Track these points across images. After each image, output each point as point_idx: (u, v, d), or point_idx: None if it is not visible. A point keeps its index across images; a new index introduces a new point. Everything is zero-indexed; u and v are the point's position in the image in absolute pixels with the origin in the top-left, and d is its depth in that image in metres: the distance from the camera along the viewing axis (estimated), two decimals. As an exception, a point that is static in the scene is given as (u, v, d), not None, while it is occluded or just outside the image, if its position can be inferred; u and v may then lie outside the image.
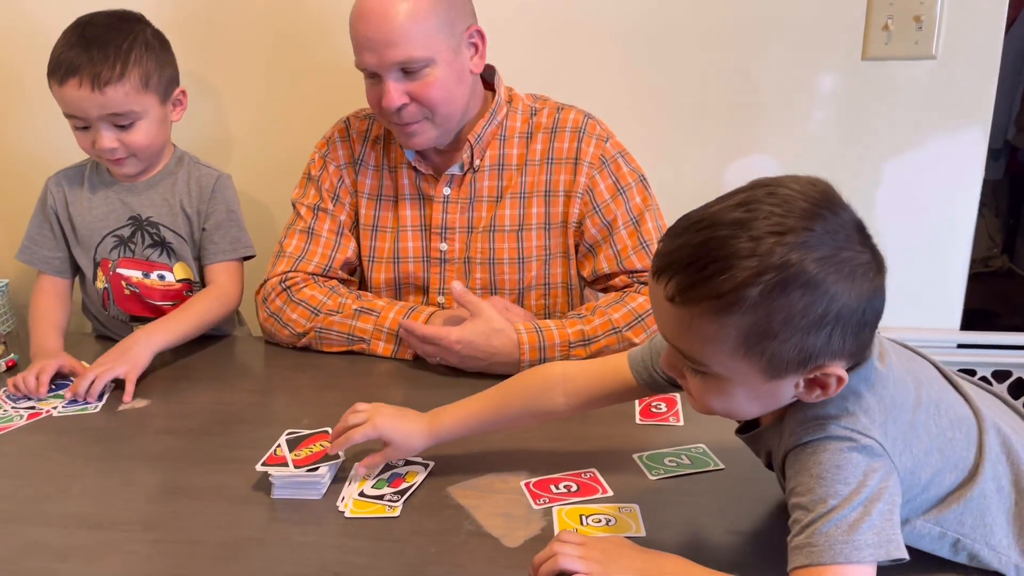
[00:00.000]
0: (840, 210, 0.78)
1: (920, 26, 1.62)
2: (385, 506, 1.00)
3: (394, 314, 1.43)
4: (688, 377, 0.85)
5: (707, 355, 0.80)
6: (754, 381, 0.80)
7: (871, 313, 0.78)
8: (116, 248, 1.56)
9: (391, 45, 1.33)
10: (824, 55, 1.67)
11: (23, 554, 0.95)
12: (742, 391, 0.82)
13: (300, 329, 1.46)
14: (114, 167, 1.53)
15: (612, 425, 1.17)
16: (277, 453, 1.07)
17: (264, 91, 1.85)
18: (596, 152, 1.46)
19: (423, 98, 1.37)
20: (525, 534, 0.95)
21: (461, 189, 1.50)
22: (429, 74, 1.36)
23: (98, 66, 1.41)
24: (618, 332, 1.36)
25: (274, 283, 1.50)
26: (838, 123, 1.71)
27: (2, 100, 1.91)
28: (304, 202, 1.55)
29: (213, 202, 1.57)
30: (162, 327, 1.46)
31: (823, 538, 0.77)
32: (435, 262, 1.52)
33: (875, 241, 0.79)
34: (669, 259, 0.79)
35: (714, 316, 0.77)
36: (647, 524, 0.95)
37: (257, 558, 0.93)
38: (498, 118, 1.48)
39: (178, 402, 1.32)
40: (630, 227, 1.45)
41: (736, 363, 0.79)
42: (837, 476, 0.79)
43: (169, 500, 1.05)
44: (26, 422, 1.27)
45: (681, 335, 0.81)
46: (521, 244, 1.49)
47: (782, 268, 0.74)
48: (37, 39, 1.55)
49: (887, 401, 0.82)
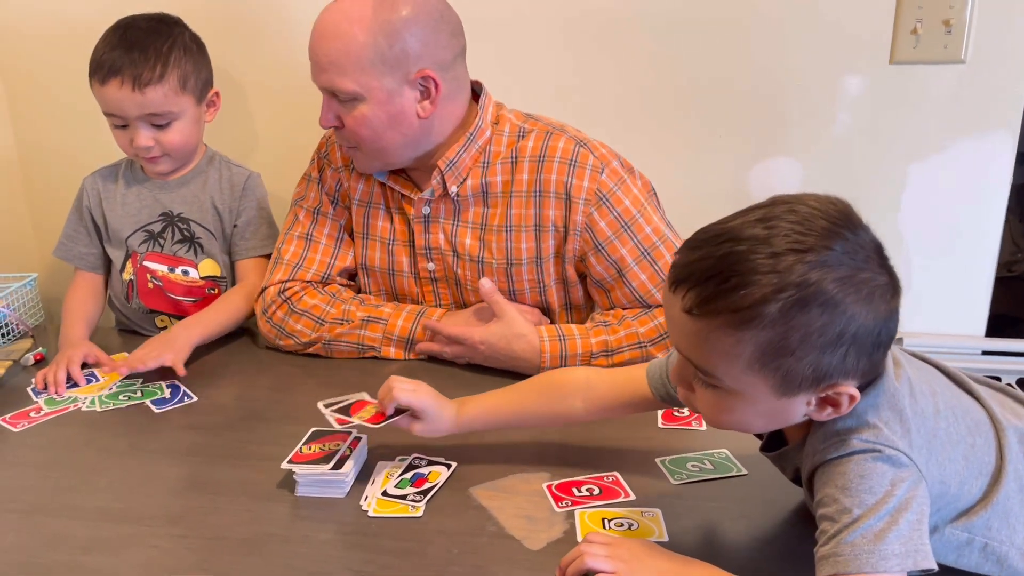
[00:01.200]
0: (859, 230, 0.78)
1: (949, 30, 1.60)
2: (408, 506, 1.01)
3: (402, 321, 1.42)
4: (698, 390, 0.85)
5: (721, 369, 0.80)
6: (766, 397, 0.80)
7: (886, 335, 0.79)
8: (146, 242, 1.60)
9: (321, 69, 1.31)
10: (851, 59, 1.66)
11: (48, 546, 0.96)
12: (752, 406, 0.82)
13: (305, 339, 1.44)
14: (149, 165, 1.57)
15: (635, 429, 1.16)
16: (303, 451, 1.08)
17: (289, 91, 1.86)
18: (591, 187, 1.35)
19: (349, 129, 1.34)
20: (547, 537, 0.95)
21: (444, 212, 1.43)
22: (357, 108, 1.32)
23: (139, 68, 1.45)
24: (642, 347, 1.33)
25: (272, 294, 1.47)
26: (864, 127, 1.70)
27: (39, 101, 1.93)
28: (304, 205, 1.52)
29: (244, 200, 1.60)
30: (198, 321, 1.50)
31: (848, 547, 0.76)
32: (426, 280, 1.49)
33: (892, 263, 0.79)
34: (688, 271, 0.79)
35: (731, 330, 0.77)
36: (669, 529, 0.95)
37: (279, 555, 0.94)
38: (479, 143, 1.39)
39: (202, 398, 1.33)
40: (643, 262, 1.36)
41: (750, 378, 0.79)
42: (862, 486, 0.78)
43: (193, 495, 1.06)
44: (55, 414, 1.29)
45: (696, 347, 0.81)
46: (511, 279, 1.42)
47: (802, 286, 0.74)
48: (77, 40, 1.58)
49: (907, 412, 0.82)
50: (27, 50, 1.89)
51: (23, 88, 1.93)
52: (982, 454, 0.85)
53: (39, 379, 1.38)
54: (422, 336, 1.41)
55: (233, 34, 1.80)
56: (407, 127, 1.34)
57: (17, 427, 1.25)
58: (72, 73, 1.82)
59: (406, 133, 1.35)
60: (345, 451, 1.07)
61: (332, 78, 1.30)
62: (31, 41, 1.88)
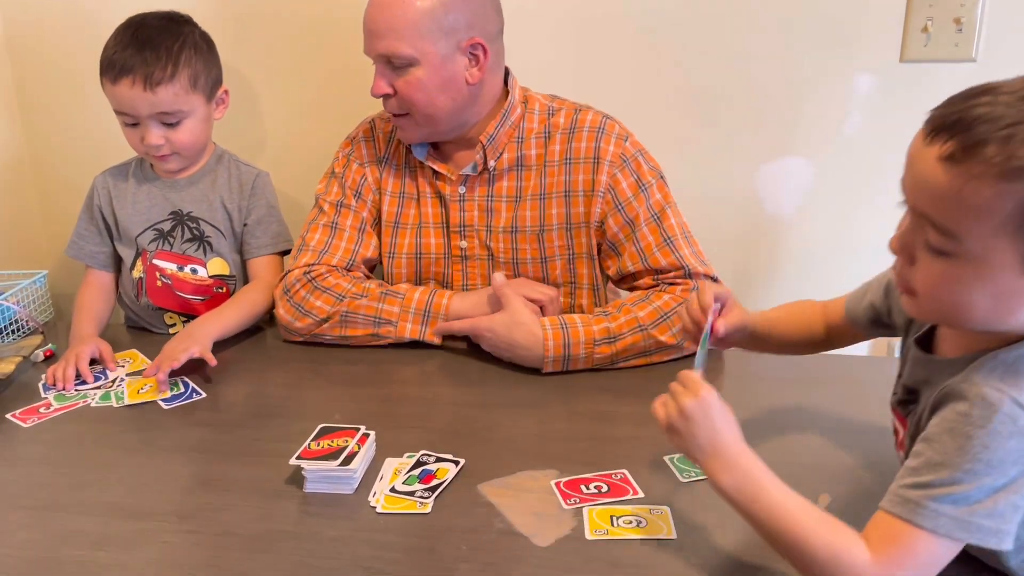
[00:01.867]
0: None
1: (960, 28, 1.59)
2: (416, 502, 1.01)
3: (419, 295, 1.46)
4: (923, 261, 0.77)
5: (967, 226, 0.72)
6: (1008, 271, 0.73)
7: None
8: (155, 240, 1.60)
9: (379, 36, 1.37)
10: (861, 56, 1.66)
11: (61, 542, 0.97)
12: (986, 282, 0.74)
13: (323, 315, 1.46)
14: (159, 163, 1.58)
15: (643, 426, 1.16)
16: (311, 447, 1.08)
17: (298, 89, 1.87)
18: (616, 151, 1.46)
19: (402, 94, 1.40)
20: (555, 534, 0.95)
21: (479, 189, 1.50)
22: (411, 73, 1.38)
23: (150, 67, 1.46)
24: (644, 329, 1.36)
25: (297, 274, 1.49)
26: (874, 125, 1.69)
27: (50, 100, 1.95)
28: (327, 198, 1.55)
29: (254, 199, 1.61)
30: (215, 317, 1.51)
31: (934, 506, 0.74)
32: (456, 259, 1.53)
33: None
34: (954, 118, 0.73)
35: (995, 180, 0.70)
36: (678, 526, 0.95)
37: (289, 551, 0.94)
38: (512, 119, 1.48)
39: (212, 395, 1.34)
40: (652, 223, 1.44)
41: (997, 242, 0.72)
42: (982, 455, 0.73)
43: (203, 492, 1.07)
44: (65, 410, 1.29)
45: (944, 202, 0.73)
46: (543, 245, 1.50)
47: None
48: (88, 39, 1.58)
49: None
50: (39, 49, 1.90)
51: (34, 87, 1.94)
52: None
53: (49, 375, 1.38)
54: (439, 309, 1.45)
55: (242, 31, 1.81)
56: (457, 92, 1.41)
57: (27, 423, 1.26)
58: (83, 72, 1.83)
59: (455, 98, 1.41)
60: (353, 447, 1.07)
61: (390, 43, 1.36)
62: (43, 40, 1.89)
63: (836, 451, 1.11)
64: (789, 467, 1.05)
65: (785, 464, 1.05)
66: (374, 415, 1.23)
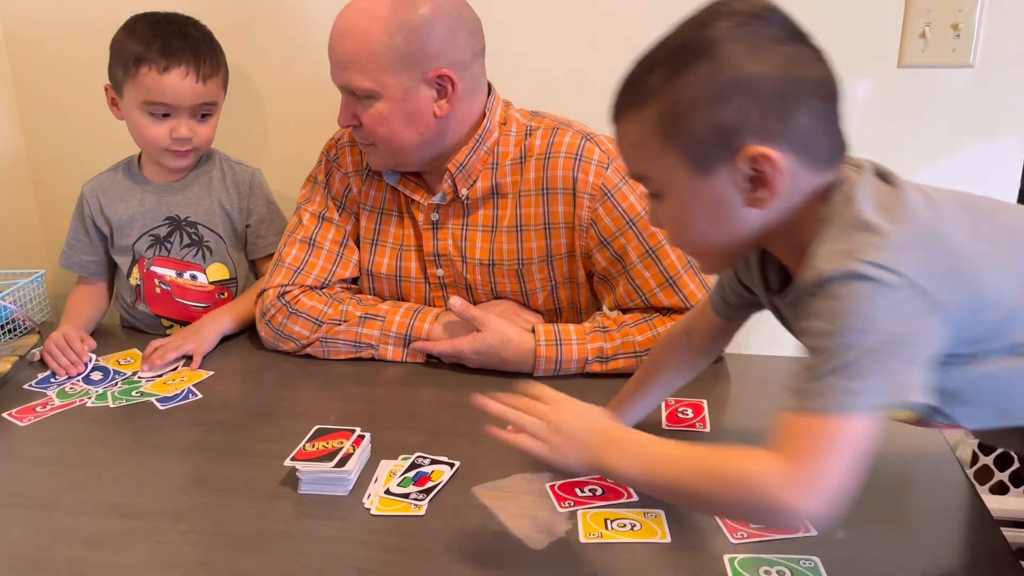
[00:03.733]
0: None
1: (958, 34, 1.60)
2: (411, 504, 1.01)
3: (400, 317, 1.42)
4: (658, 214, 0.86)
5: (642, 163, 0.83)
6: (689, 181, 0.80)
7: (792, 85, 0.77)
8: (152, 247, 1.59)
9: (340, 67, 1.32)
10: (859, 61, 1.66)
11: (54, 540, 0.97)
12: (686, 201, 0.81)
13: (303, 340, 1.44)
14: (176, 160, 1.56)
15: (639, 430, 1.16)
16: (306, 448, 1.08)
17: (299, 91, 1.86)
18: (596, 181, 1.35)
19: (366, 126, 1.35)
20: (550, 537, 0.95)
21: (452, 219, 1.44)
22: (374, 106, 1.32)
23: (201, 59, 1.49)
24: (637, 355, 1.33)
25: (271, 297, 1.45)
26: (872, 131, 1.69)
27: (49, 102, 1.95)
28: (309, 208, 1.51)
29: (253, 199, 1.62)
30: (227, 313, 1.54)
31: (819, 385, 0.72)
32: (435, 286, 1.49)
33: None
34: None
35: (633, 117, 0.81)
36: (672, 530, 0.95)
37: (283, 551, 0.94)
38: (487, 144, 1.39)
39: (207, 395, 1.34)
40: (647, 260, 1.36)
41: (666, 161, 0.80)
42: (852, 322, 0.72)
43: (197, 491, 1.07)
44: (61, 409, 1.29)
45: (627, 155, 0.85)
46: (523, 279, 1.44)
47: (676, 50, 0.79)
48: (86, 42, 1.58)
49: (919, 228, 0.76)
50: (38, 48, 1.90)
51: (33, 89, 1.94)
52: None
53: (53, 366, 1.42)
54: (419, 333, 1.41)
55: (242, 33, 1.81)
56: (423, 126, 1.34)
57: (23, 422, 1.26)
58: (81, 74, 1.83)
59: (422, 132, 1.35)
60: (348, 449, 1.07)
61: (350, 76, 1.31)
62: (42, 39, 1.89)
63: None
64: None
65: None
66: (369, 416, 1.23)
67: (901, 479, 1.04)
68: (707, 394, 1.25)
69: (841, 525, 0.93)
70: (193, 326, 1.50)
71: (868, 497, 0.94)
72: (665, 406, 1.23)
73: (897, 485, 1.03)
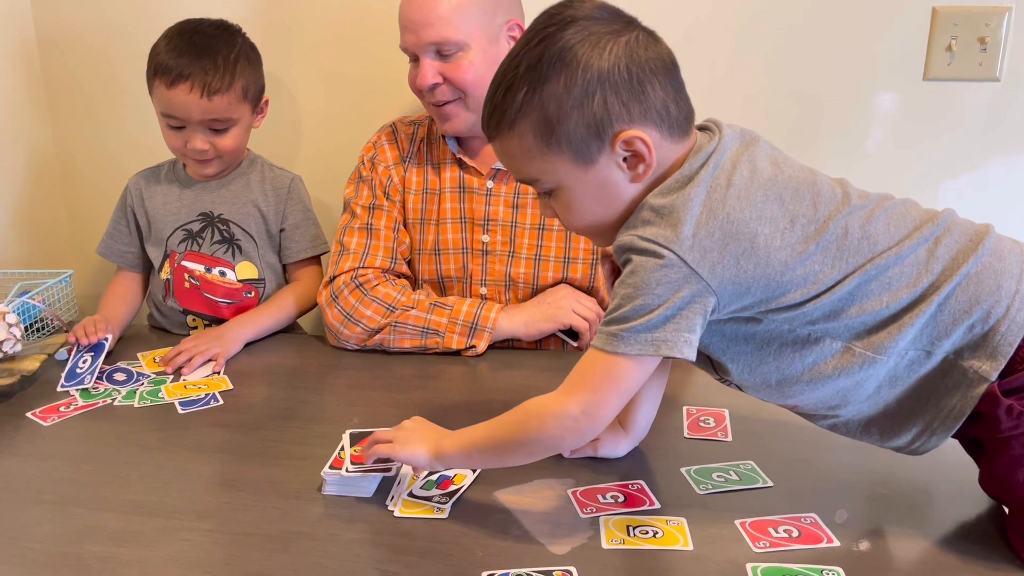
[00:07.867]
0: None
1: (985, 47, 1.59)
2: (433, 507, 1.02)
3: (467, 307, 1.48)
4: (547, 204, 0.96)
5: (530, 170, 0.92)
6: (575, 173, 0.90)
7: (638, 70, 0.87)
8: (184, 242, 1.62)
9: (428, 26, 1.41)
10: (885, 74, 1.66)
11: (83, 537, 0.98)
12: (577, 192, 0.91)
13: (374, 325, 1.48)
14: (199, 167, 1.60)
15: (660, 438, 1.17)
16: (341, 456, 1.09)
17: (331, 93, 1.88)
18: None
19: (455, 79, 1.44)
20: (571, 542, 0.95)
21: (508, 184, 1.53)
22: (462, 57, 1.43)
23: (209, 75, 1.49)
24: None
25: (345, 279, 1.51)
26: (897, 143, 1.69)
27: (78, 102, 1.97)
28: (359, 201, 1.58)
29: (290, 203, 1.64)
30: (251, 318, 1.55)
31: (603, 329, 0.89)
32: (477, 253, 1.55)
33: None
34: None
35: (509, 134, 0.90)
36: (694, 538, 0.95)
37: (307, 552, 0.95)
38: None
39: (234, 397, 1.35)
40: None
41: (551, 163, 0.90)
42: (633, 283, 0.87)
43: (223, 492, 1.08)
44: (85, 409, 1.31)
45: (513, 167, 0.94)
46: (568, 244, 1.52)
47: (534, 64, 0.87)
48: (115, 44, 1.60)
49: (712, 210, 0.86)
50: (70, 51, 1.93)
51: (64, 92, 1.97)
52: (910, 265, 0.95)
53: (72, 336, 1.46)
54: (486, 323, 1.47)
55: (281, 40, 1.82)
56: None
57: (47, 421, 1.27)
58: (113, 75, 1.86)
59: None
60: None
61: (440, 30, 1.41)
62: (74, 42, 1.92)
63: (851, 464, 1.10)
64: (802, 482, 1.05)
65: (798, 479, 1.06)
66: (392, 420, 1.23)
67: (925, 491, 1.03)
68: (729, 403, 1.25)
69: (865, 536, 0.94)
70: (216, 331, 1.52)
71: (891, 509, 0.95)
72: (687, 415, 1.23)
73: (921, 497, 1.02)
